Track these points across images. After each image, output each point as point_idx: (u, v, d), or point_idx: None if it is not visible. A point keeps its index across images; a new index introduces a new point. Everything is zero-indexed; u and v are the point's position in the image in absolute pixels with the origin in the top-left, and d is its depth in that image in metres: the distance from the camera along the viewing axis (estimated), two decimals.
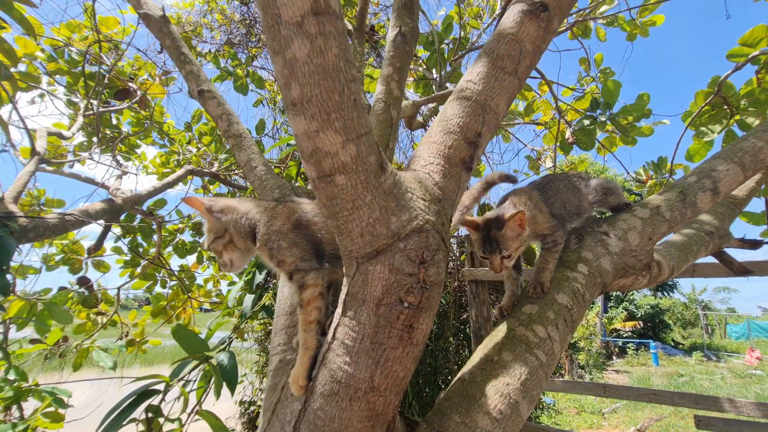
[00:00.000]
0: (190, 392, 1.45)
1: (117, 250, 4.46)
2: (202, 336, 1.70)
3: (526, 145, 4.64)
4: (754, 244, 1.42)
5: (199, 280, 5.40)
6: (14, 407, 2.16)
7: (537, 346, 0.93)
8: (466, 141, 0.82)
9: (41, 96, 3.75)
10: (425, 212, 0.70)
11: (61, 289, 4.00)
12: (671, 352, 16.06)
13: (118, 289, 4.39)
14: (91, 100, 3.30)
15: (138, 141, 5.05)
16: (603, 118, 2.75)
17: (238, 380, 1.51)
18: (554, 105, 3.69)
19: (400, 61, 1.41)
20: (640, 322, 17.26)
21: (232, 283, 5.73)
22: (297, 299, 0.79)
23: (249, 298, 1.90)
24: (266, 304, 1.86)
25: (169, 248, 5.13)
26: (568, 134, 3.16)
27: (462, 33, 4.02)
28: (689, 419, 6.88)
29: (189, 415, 1.44)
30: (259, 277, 1.97)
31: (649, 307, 18.19)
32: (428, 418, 0.86)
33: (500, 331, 1.00)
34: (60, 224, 2.00)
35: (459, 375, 0.95)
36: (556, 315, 0.99)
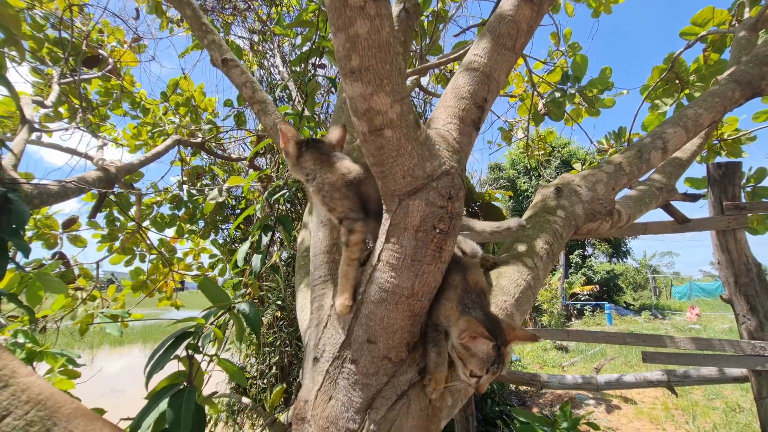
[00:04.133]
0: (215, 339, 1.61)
1: (93, 225, 4.38)
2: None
3: (499, 117, 4.90)
4: (693, 198, 1.72)
5: (179, 254, 5.38)
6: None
7: (527, 273, 1.17)
8: (476, 105, 1.01)
9: None
10: (450, 159, 0.89)
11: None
12: (623, 312, 17.54)
13: (97, 263, 4.36)
14: (66, 73, 3.17)
15: (108, 112, 4.87)
16: (572, 91, 3.00)
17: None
18: (527, 78, 3.92)
19: (404, 35, 1.56)
20: (597, 286, 18.62)
21: (213, 256, 5.77)
22: (344, 240, 0.97)
23: (257, 258, 2.05)
24: (275, 263, 2.02)
25: (146, 222, 5.07)
26: (540, 106, 3.41)
27: (440, 5, 4.12)
28: (637, 366, 7.73)
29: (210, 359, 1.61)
30: (265, 239, 2.12)
31: (605, 272, 19.60)
32: None
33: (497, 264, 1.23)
34: (62, 191, 2.04)
35: None
36: (541, 249, 1.22)
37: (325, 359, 0.94)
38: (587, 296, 17.91)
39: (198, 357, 1.49)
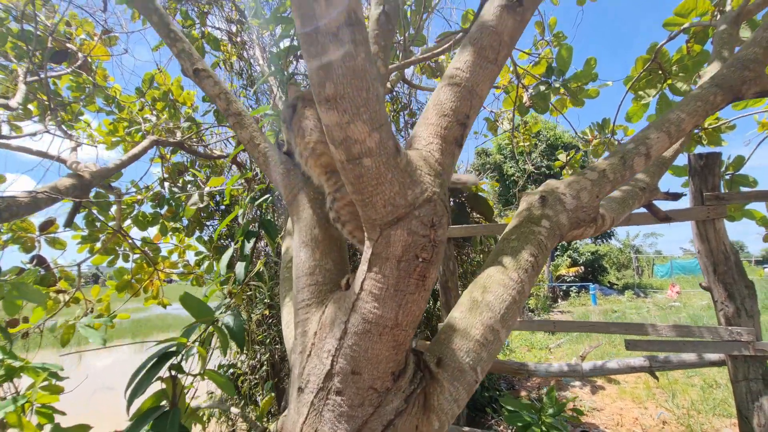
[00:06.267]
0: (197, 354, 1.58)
1: (72, 226, 4.25)
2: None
3: (485, 107, 4.86)
4: (675, 196, 1.74)
5: (164, 252, 5.28)
6: (7, 385, 2.18)
7: (512, 288, 1.16)
8: (458, 122, 0.98)
9: None
10: (432, 185, 0.86)
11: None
12: (607, 292, 18.02)
13: (79, 265, 4.25)
14: (32, 66, 3.01)
15: (81, 108, 4.68)
16: (557, 84, 2.98)
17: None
18: (512, 69, 3.88)
19: (384, 39, 1.51)
20: (582, 268, 19.05)
21: (198, 253, 5.68)
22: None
23: (241, 266, 2.02)
24: (260, 270, 1.98)
25: (128, 221, 4.95)
26: (525, 98, 3.39)
27: None
28: (620, 346, 7.98)
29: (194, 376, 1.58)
30: (248, 246, 2.08)
31: (589, 254, 20.03)
32: (429, 347, 1.08)
33: (483, 277, 1.22)
34: (32, 202, 1.95)
35: (451, 314, 1.17)
36: (526, 262, 1.22)
37: (309, 390, 0.92)
38: (573, 277, 18.32)
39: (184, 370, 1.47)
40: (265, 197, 2.14)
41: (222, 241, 5.81)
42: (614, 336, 8.75)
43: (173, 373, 1.37)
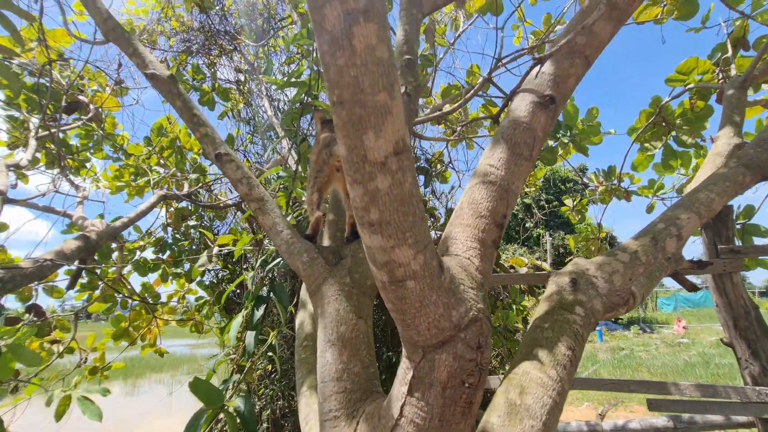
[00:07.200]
0: None
1: (70, 273, 4.16)
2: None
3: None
4: (702, 265, 1.69)
5: (163, 297, 5.17)
6: None
7: (552, 388, 1.08)
8: (495, 224, 0.95)
9: None
10: (476, 301, 0.81)
11: (10, 320, 3.68)
12: (612, 327, 17.65)
13: (76, 314, 4.13)
14: (45, 121, 3.04)
15: (88, 155, 4.71)
16: (565, 140, 3.02)
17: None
18: None
19: (407, 117, 1.51)
20: None
21: (199, 298, 5.56)
22: None
23: (251, 336, 1.92)
24: (272, 343, 1.89)
25: (128, 267, 4.87)
26: None
27: (427, 47, 4.15)
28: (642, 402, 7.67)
29: None
30: (258, 313, 2.00)
31: None
32: None
33: (518, 374, 1.15)
34: (37, 271, 1.89)
35: (487, 419, 1.09)
36: (564, 357, 1.15)
37: None
38: None
39: None
40: (276, 261, 2.08)
41: (224, 284, 5.71)
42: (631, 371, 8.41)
43: None
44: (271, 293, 2.04)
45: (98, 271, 4.61)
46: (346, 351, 1.05)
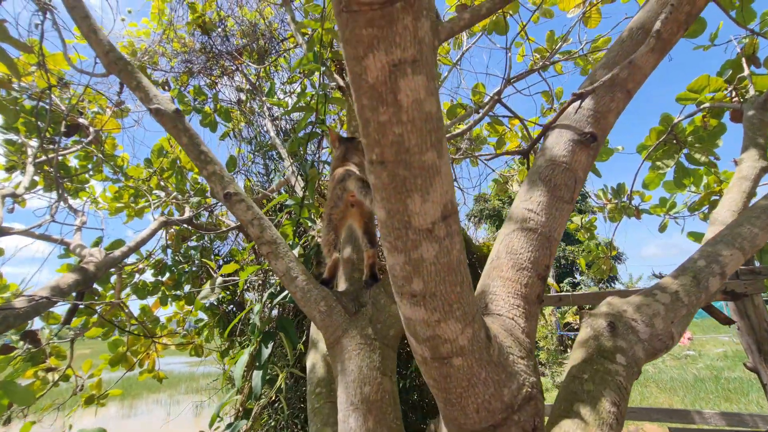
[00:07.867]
0: None
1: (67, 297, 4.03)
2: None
3: (494, 170, 4.86)
4: (735, 297, 1.60)
5: (162, 320, 5.05)
6: None
7: None
8: (539, 277, 0.86)
9: None
10: (528, 373, 0.72)
11: (4, 348, 3.54)
12: None
13: (72, 340, 3.99)
14: (43, 145, 2.97)
15: (87, 176, 4.63)
16: None
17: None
18: (521, 137, 3.90)
19: None
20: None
21: (198, 321, 5.42)
22: None
23: (257, 375, 1.81)
24: (281, 386, 1.77)
25: (127, 289, 4.75)
26: None
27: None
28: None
29: None
30: (266, 351, 1.89)
31: None
32: None
33: None
34: (31, 310, 1.78)
35: None
36: (609, 414, 1.04)
37: None
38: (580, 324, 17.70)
39: None
40: (284, 294, 1.97)
41: (224, 306, 5.58)
42: (645, 402, 8.17)
43: None
44: (278, 327, 1.94)
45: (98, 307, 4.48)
46: (372, 416, 0.95)
